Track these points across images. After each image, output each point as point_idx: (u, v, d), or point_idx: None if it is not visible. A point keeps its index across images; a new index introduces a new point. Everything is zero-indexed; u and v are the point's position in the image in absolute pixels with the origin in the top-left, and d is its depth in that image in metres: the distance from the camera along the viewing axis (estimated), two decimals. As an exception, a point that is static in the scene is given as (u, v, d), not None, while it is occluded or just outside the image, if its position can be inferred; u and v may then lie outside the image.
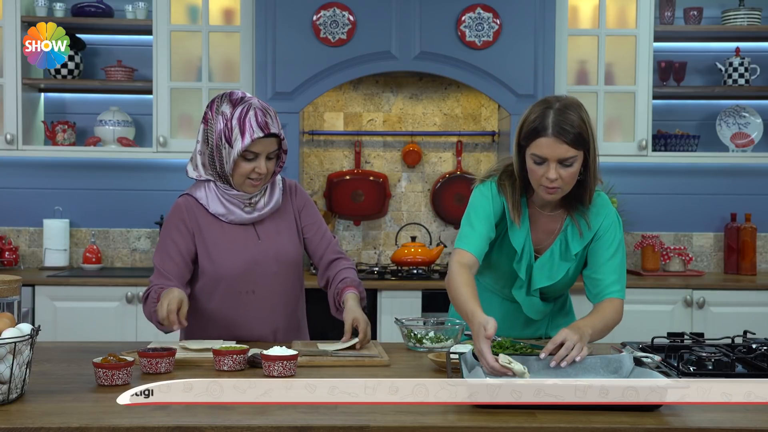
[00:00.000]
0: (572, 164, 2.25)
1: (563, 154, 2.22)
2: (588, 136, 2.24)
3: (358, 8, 4.36)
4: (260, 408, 1.78)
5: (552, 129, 2.21)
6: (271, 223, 2.58)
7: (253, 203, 2.54)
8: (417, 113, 4.80)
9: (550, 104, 2.26)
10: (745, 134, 4.70)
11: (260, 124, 2.42)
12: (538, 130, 2.23)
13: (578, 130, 2.22)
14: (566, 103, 2.26)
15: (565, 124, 2.21)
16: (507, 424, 1.66)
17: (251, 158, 2.44)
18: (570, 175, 2.26)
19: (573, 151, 2.22)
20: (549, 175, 2.25)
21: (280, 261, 2.56)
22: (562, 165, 2.24)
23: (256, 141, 2.42)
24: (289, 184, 2.67)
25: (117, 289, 4.22)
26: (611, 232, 2.42)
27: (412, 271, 4.36)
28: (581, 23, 4.61)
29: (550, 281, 2.44)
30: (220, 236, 2.53)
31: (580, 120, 2.23)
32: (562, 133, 2.21)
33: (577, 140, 2.22)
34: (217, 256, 2.51)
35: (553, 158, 2.23)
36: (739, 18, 4.59)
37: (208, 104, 2.51)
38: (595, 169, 2.32)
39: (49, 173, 4.77)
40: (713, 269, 4.88)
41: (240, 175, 2.46)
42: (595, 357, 1.97)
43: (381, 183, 4.77)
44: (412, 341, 2.46)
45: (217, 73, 4.57)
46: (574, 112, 2.23)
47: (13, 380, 1.78)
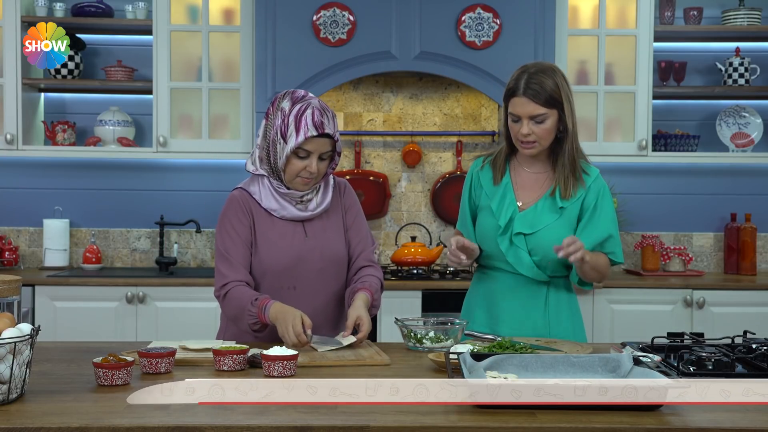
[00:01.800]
0: (544, 121, 2.52)
1: (533, 112, 2.50)
2: (560, 96, 2.51)
3: (358, 8, 4.37)
4: (260, 408, 1.78)
5: (523, 89, 2.51)
6: (320, 221, 2.60)
7: (305, 202, 2.57)
8: (417, 113, 4.80)
9: (527, 68, 2.55)
10: (745, 134, 4.70)
11: (315, 123, 2.45)
12: (513, 90, 2.54)
13: (549, 92, 2.50)
14: (541, 67, 2.55)
15: (535, 85, 2.50)
16: (507, 424, 1.66)
17: (303, 156, 2.47)
18: (544, 131, 2.53)
19: (543, 109, 2.50)
20: (522, 131, 2.53)
21: (324, 259, 2.57)
22: (534, 122, 2.52)
23: (309, 139, 2.45)
24: (339, 182, 2.70)
25: (117, 289, 4.22)
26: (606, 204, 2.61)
27: (412, 271, 4.36)
28: (581, 23, 4.62)
29: (531, 229, 2.58)
30: (270, 231, 2.55)
31: (552, 82, 2.51)
32: (532, 93, 2.50)
33: (548, 100, 2.50)
34: (264, 250, 2.54)
35: (525, 115, 2.52)
36: (739, 18, 4.59)
37: (272, 100, 2.56)
38: (573, 127, 2.55)
39: (49, 173, 4.77)
40: (713, 269, 4.88)
41: (291, 173, 2.50)
42: (594, 356, 1.97)
43: (381, 183, 4.77)
44: (412, 341, 2.46)
45: (217, 73, 4.57)
46: (546, 75, 2.51)
47: (13, 380, 1.78)
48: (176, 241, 4.79)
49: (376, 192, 4.76)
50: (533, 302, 2.63)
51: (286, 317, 2.36)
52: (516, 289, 2.64)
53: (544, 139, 2.55)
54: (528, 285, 2.63)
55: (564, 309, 2.67)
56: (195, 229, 4.75)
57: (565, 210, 2.59)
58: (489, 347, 2.21)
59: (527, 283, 2.63)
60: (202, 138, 4.52)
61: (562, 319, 2.65)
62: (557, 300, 2.65)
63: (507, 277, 2.65)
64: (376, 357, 2.29)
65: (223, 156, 4.56)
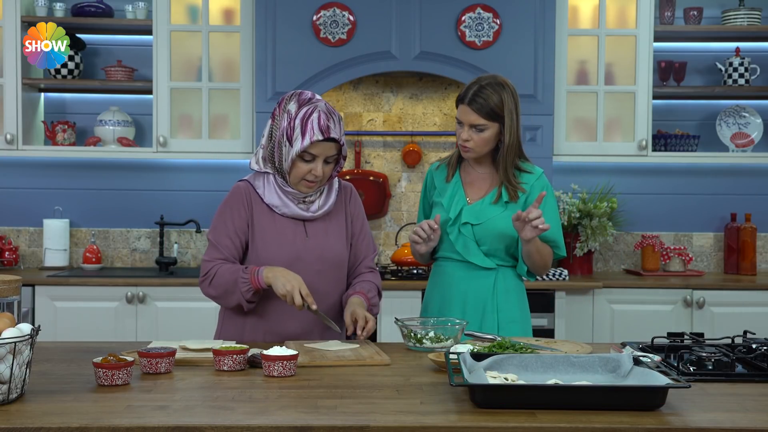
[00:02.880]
0: (483, 131, 2.69)
1: (473, 121, 2.68)
2: (502, 111, 2.67)
3: (358, 8, 4.37)
4: (260, 408, 1.78)
5: (469, 99, 2.68)
6: (321, 222, 2.60)
7: (308, 202, 2.57)
8: (417, 113, 4.80)
9: (480, 80, 2.72)
10: (745, 134, 4.70)
11: (322, 127, 2.45)
12: (461, 98, 2.71)
13: (491, 105, 2.66)
14: (493, 81, 2.70)
15: (479, 98, 2.67)
16: (507, 424, 1.66)
17: (309, 159, 2.48)
18: (481, 140, 2.70)
19: (483, 120, 2.67)
20: (462, 136, 2.72)
21: (324, 260, 2.57)
22: (475, 130, 2.69)
23: (315, 143, 2.45)
24: (345, 186, 2.70)
25: (117, 289, 4.22)
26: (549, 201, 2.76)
27: (411, 271, 4.36)
28: (581, 23, 4.62)
29: (477, 220, 2.75)
30: (270, 227, 2.55)
31: (498, 97, 2.67)
32: (475, 104, 2.67)
33: (489, 113, 2.67)
34: (262, 246, 2.54)
35: (466, 122, 2.70)
36: (739, 18, 4.59)
37: (279, 101, 2.56)
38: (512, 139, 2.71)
39: (49, 173, 4.77)
40: (713, 269, 4.88)
41: (296, 176, 2.50)
42: (594, 356, 1.97)
43: (381, 183, 4.77)
44: (412, 341, 2.46)
45: (217, 73, 4.57)
46: (494, 90, 2.67)
47: (13, 380, 1.78)
48: (176, 241, 4.79)
49: (376, 192, 4.76)
50: (482, 287, 2.76)
51: (287, 276, 2.41)
52: (466, 276, 2.78)
53: (480, 147, 2.72)
54: (477, 271, 2.77)
55: (512, 294, 2.79)
56: (195, 229, 4.75)
57: (509, 204, 2.76)
58: (489, 347, 2.21)
59: (476, 269, 2.77)
60: (202, 138, 4.52)
61: (511, 305, 2.78)
62: (505, 286, 2.78)
63: (458, 265, 2.79)
64: (376, 357, 2.29)
65: (223, 156, 4.56)
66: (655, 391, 1.76)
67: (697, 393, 1.92)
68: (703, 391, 1.96)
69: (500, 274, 2.78)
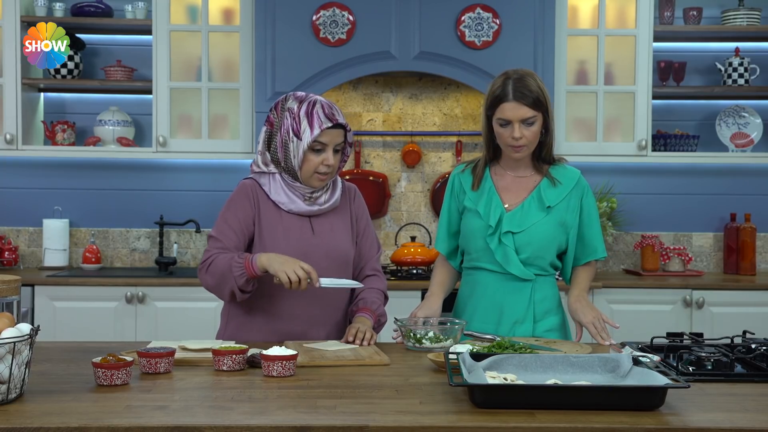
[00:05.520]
0: (533, 123, 2.60)
1: (524, 115, 2.57)
2: (544, 99, 2.60)
3: (358, 8, 4.37)
4: (260, 408, 1.78)
5: (513, 94, 2.57)
6: (327, 219, 2.62)
7: (314, 197, 2.58)
8: (417, 113, 4.80)
9: (509, 75, 2.62)
10: (744, 134, 4.70)
11: (327, 114, 2.49)
12: (500, 97, 2.59)
13: (535, 94, 2.58)
14: (522, 73, 2.62)
15: (523, 89, 2.57)
16: (507, 424, 1.66)
17: (319, 149, 2.50)
18: (532, 134, 2.60)
19: (532, 111, 2.57)
20: (514, 135, 2.58)
21: (330, 257, 2.58)
22: (524, 125, 2.59)
23: (324, 131, 2.48)
24: (348, 187, 2.73)
25: (116, 289, 4.22)
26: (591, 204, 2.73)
27: (411, 271, 4.36)
28: (581, 23, 4.62)
29: (519, 228, 2.64)
30: (276, 224, 2.56)
31: (536, 86, 2.60)
32: (522, 96, 2.57)
33: (535, 102, 2.58)
34: (269, 243, 2.54)
35: (516, 119, 2.58)
36: (738, 18, 4.59)
37: (272, 107, 2.57)
38: (553, 129, 2.67)
39: (48, 173, 4.77)
40: (713, 269, 4.88)
41: (308, 170, 2.52)
42: (593, 356, 1.97)
43: (381, 183, 4.77)
44: (411, 341, 2.46)
45: (217, 73, 4.57)
46: (530, 80, 2.60)
47: (13, 380, 1.78)
48: (176, 241, 4.79)
49: (376, 192, 4.76)
50: (519, 300, 2.66)
51: (283, 257, 2.41)
52: (502, 288, 2.67)
53: (532, 142, 2.63)
54: (514, 282, 2.66)
55: (549, 305, 2.70)
56: (195, 229, 4.75)
57: (552, 209, 2.65)
58: (488, 347, 2.21)
59: (514, 280, 2.66)
60: (201, 138, 4.52)
61: (549, 316, 2.70)
62: (542, 297, 2.69)
63: (494, 277, 2.68)
64: (375, 357, 2.29)
65: (223, 156, 4.56)
66: (655, 391, 1.76)
67: (697, 393, 1.92)
68: (703, 391, 1.96)
69: (537, 285, 2.68)
